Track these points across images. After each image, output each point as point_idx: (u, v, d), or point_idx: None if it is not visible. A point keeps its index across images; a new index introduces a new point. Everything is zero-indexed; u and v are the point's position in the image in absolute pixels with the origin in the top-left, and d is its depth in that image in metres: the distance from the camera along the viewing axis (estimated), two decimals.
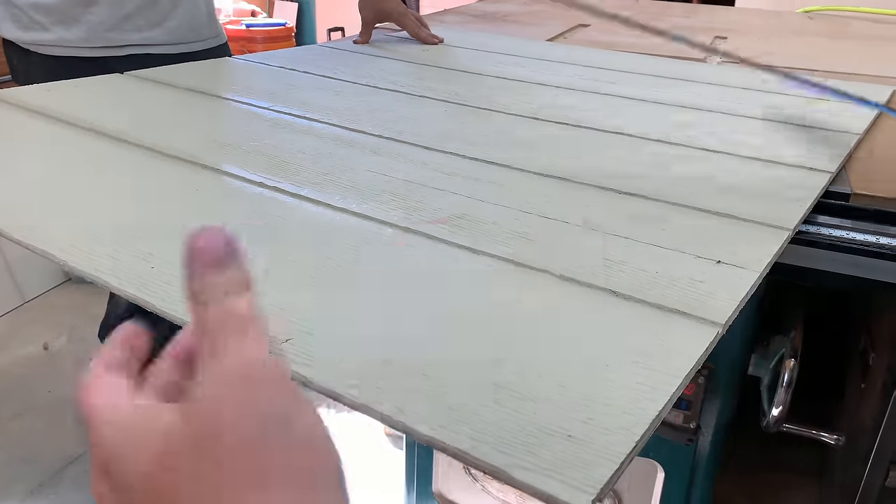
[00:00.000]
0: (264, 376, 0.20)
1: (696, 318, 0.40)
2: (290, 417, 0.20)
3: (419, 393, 0.33)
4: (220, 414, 0.19)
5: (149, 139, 0.68)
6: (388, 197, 0.57)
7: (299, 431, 0.20)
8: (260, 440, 0.19)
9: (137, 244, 0.46)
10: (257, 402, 0.19)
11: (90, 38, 1.07)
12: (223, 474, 0.19)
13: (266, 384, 0.20)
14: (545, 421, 0.31)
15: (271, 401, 0.20)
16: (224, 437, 0.19)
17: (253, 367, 0.20)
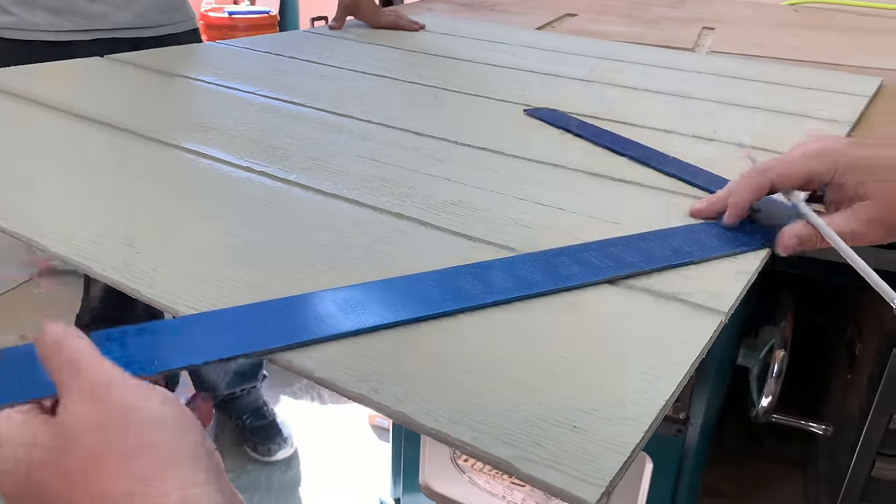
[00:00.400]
0: (108, 389, 0.26)
1: (699, 306, 0.39)
2: (129, 413, 0.25)
3: (420, 383, 0.31)
4: (77, 419, 0.25)
5: (132, 123, 0.66)
6: (378, 182, 0.55)
7: (143, 423, 0.25)
8: (105, 432, 0.25)
9: (122, 229, 0.45)
10: (103, 407, 0.25)
11: (54, 21, 1.03)
12: (82, 460, 0.24)
13: (106, 407, 0.25)
14: (548, 412, 0.30)
15: (113, 404, 0.25)
16: (82, 434, 0.25)
17: (98, 384, 0.26)
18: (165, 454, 0.24)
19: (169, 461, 0.24)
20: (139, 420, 0.25)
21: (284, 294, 0.38)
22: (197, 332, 0.35)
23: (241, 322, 0.36)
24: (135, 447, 0.24)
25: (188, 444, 0.25)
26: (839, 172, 0.45)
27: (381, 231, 0.47)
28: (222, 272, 0.40)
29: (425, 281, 0.40)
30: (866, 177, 0.45)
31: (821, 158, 0.46)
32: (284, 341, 0.34)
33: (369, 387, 0.31)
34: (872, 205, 0.45)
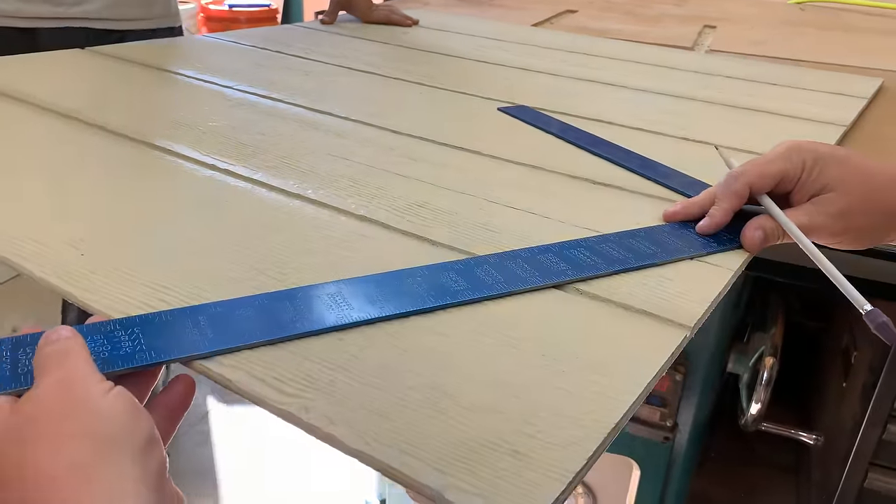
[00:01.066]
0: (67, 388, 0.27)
1: (663, 319, 0.37)
2: (81, 403, 0.26)
3: (358, 400, 0.29)
4: (36, 403, 0.27)
5: (101, 118, 0.64)
6: (346, 183, 0.54)
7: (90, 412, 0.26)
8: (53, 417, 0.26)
9: (69, 229, 0.43)
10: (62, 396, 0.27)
11: (21, 7, 0.98)
12: (35, 440, 0.25)
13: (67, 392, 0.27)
14: (490, 434, 0.28)
15: (72, 393, 0.27)
16: (36, 417, 0.26)
17: (59, 384, 0.27)
18: (104, 443, 0.25)
19: (105, 450, 0.25)
20: (87, 409, 0.26)
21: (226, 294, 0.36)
22: (186, 325, 0.34)
23: (234, 314, 0.35)
24: (76, 432, 0.25)
25: (131, 440, 0.26)
26: (807, 169, 0.45)
27: (341, 234, 0.45)
28: (162, 276, 0.38)
29: (373, 282, 0.38)
30: (829, 169, 0.45)
31: (790, 157, 0.46)
32: (270, 335, 0.33)
33: (300, 404, 0.29)
34: (835, 197, 0.45)
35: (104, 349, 0.32)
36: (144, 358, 0.31)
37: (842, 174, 0.45)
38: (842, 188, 0.45)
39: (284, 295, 0.37)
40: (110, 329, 0.33)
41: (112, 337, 0.33)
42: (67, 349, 0.29)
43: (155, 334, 0.33)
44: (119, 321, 0.34)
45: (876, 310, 0.38)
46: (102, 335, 0.33)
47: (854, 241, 0.47)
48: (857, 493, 0.97)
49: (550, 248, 0.44)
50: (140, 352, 0.32)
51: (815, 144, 0.47)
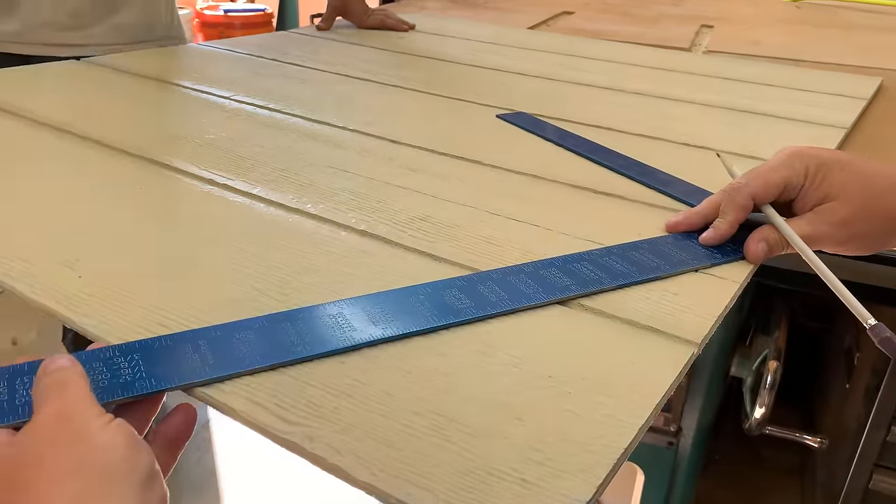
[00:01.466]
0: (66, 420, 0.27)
1: (670, 336, 0.37)
2: (81, 434, 0.26)
3: (364, 429, 0.29)
4: (35, 434, 0.26)
5: (97, 131, 0.63)
6: (347, 196, 0.53)
7: (90, 444, 0.26)
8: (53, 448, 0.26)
9: (65, 248, 0.42)
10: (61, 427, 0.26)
11: (24, 32, 0.94)
12: (34, 474, 0.25)
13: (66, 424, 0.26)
14: (498, 462, 0.28)
15: (71, 425, 0.26)
16: (34, 447, 0.26)
17: (58, 416, 0.27)
18: (104, 477, 0.25)
19: (106, 484, 0.25)
20: (87, 443, 0.26)
21: (223, 317, 0.36)
22: (186, 350, 0.33)
23: (234, 338, 0.34)
24: (75, 466, 0.25)
25: (131, 474, 0.26)
26: (809, 177, 0.45)
27: (341, 251, 0.44)
28: (161, 299, 0.38)
29: (375, 302, 0.38)
30: (831, 176, 0.44)
31: (792, 164, 0.45)
32: (272, 360, 0.33)
33: (303, 433, 0.28)
34: (837, 206, 0.44)
35: (104, 377, 0.31)
36: (145, 386, 0.31)
37: (844, 181, 0.44)
38: (844, 196, 0.44)
39: (285, 317, 0.36)
40: (109, 356, 0.33)
41: (111, 364, 0.32)
42: (66, 380, 0.28)
43: (155, 361, 0.32)
44: (119, 347, 0.33)
45: (880, 324, 0.38)
46: (101, 362, 0.32)
47: (858, 247, 0.46)
48: (862, 495, 0.96)
49: (554, 263, 0.43)
50: (140, 379, 0.31)
51: (818, 150, 0.46)
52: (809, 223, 0.44)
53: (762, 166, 0.47)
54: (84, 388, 0.28)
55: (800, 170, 0.45)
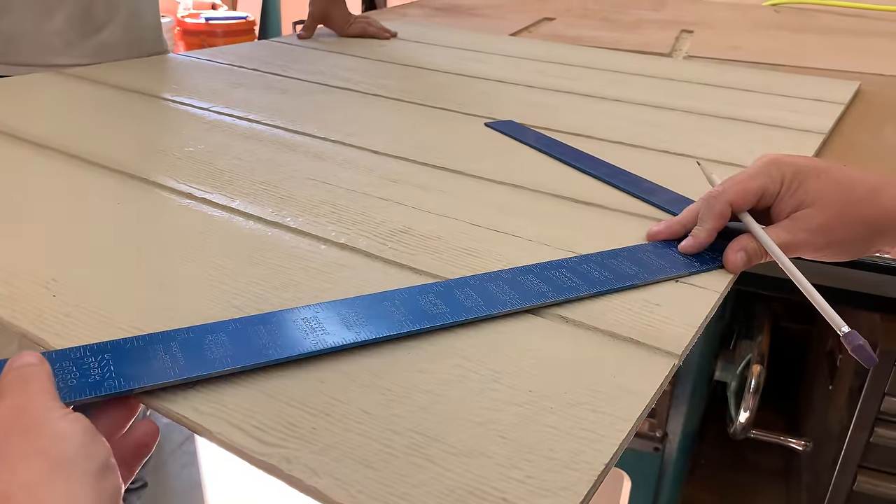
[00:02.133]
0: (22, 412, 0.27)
1: (651, 347, 0.37)
2: (36, 424, 0.26)
3: (342, 448, 0.29)
4: None
5: (74, 146, 0.63)
6: (327, 209, 0.53)
7: (44, 433, 0.26)
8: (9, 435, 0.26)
9: (40, 267, 0.42)
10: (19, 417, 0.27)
11: (7, 53, 0.92)
12: None
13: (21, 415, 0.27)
14: (478, 481, 0.27)
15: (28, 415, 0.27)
16: None
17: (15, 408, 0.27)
18: (58, 465, 0.25)
19: (59, 472, 0.25)
20: (42, 430, 0.26)
21: None
22: (158, 351, 0.33)
23: (206, 339, 0.34)
24: (28, 452, 0.25)
25: (86, 463, 0.26)
26: (786, 184, 0.45)
27: (320, 265, 0.44)
28: (137, 317, 0.37)
29: (350, 306, 0.38)
30: (808, 183, 0.45)
31: (769, 172, 0.46)
32: (244, 362, 0.33)
33: (281, 454, 0.28)
34: (814, 212, 0.44)
35: (72, 376, 0.31)
36: (113, 385, 0.31)
37: (820, 188, 0.45)
38: (820, 202, 0.44)
39: (259, 319, 0.36)
40: (80, 355, 0.33)
41: (81, 363, 0.32)
42: (29, 376, 0.28)
43: (125, 361, 0.32)
44: (90, 347, 0.33)
45: (853, 332, 0.38)
46: (72, 362, 0.32)
47: (837, 253, 0.46)
48: (847, 497, 0.97)
49: (532, 270, 0.43)
50: (109, 379, 0.31)
51: (795, 158, 0.47)
52: (787, 231, 0.45)
53: (740, 174, 0.47)
54: (47, 384, 0.28)
55: (777, 177, 0.45)
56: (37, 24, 0.92)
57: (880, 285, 0.69)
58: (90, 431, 0.27)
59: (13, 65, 0.92)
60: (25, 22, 0.92)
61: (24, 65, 0.93)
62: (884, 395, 0.90)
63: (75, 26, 0.94)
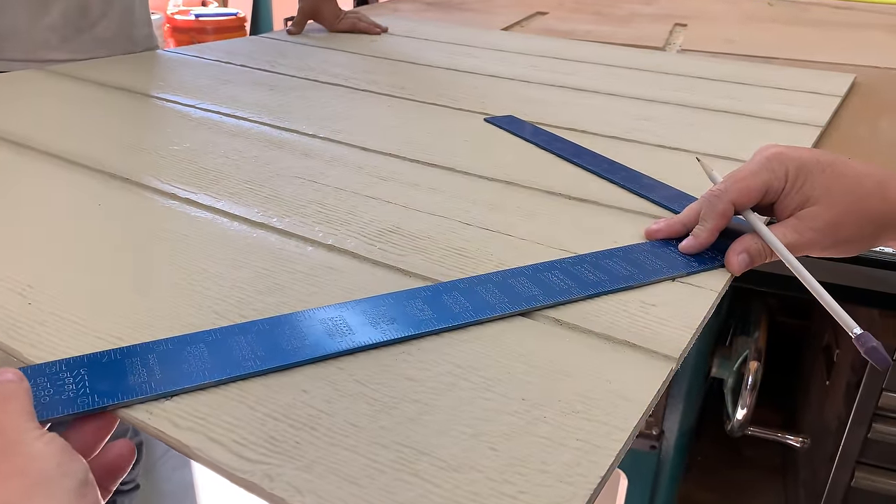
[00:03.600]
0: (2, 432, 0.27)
1: (648, 350, 0.35)
2: (13, 444, 0.26)
3: (326, 464, 0.27)
4: None
5: (56, 145, 0.61)
6: (314, 209, 0.51)
7: (21, 453, 0.26)
8: None
9: (16, 273, 0.40)
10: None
11: (5, 47, 0.90)
12: None
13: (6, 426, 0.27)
14: (468, 498, 0.26)
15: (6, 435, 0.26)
16: None
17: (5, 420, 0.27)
18: (33, 485, 0.25)
19: (38, 491, 0.25)
20: (19, 451, 0.26)
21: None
22: (135, 365, 0.32)
23: (185, 352, 0.33)
24: (6, 473, 0.25)
25: (63, 478, 0.26)
26: (790, 180, 0.44)
27: (307, 268, 0.43)
28: (115, 325, 0.36)
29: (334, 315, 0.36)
30: (813, 178, 0.43)
31: (772, 167, 0.44)
32: (222, 375, 0.32)
33: (263, 471, 0.27)
34: (821, 209, 0.43)
35: (46, 393, 0.30)
36: (86, 403, 0.30)
37: (826, 183, 0.43)
38: (827, 199, 0.43)
39: (239, 329, 0.35)
40: (55, 370, 0.31)
41: (56, 379, 0.31)
42: (9, 394, 0.28)
43: (101, 376, 0.31)
44: (66, 361, 0.32)
45: (866, 333, 0.37)
46: (46, 377, 0.31)
47: (844, 251, 0.45)
48: (845, 493, 0.96)
49: (524, 272, 0.42)
50: (83, 395, 0.30)
51: (798, 152, 0.45)
52: (794, 230, 0.43)
53: (741, 170, 0.46)
54: (26, 403, 0.28)
55: (780, 173, 0.44)
56: (32, 20, 0.91)
57: (879, 281, 0.68)
58: (67, 450, 0.27)
59: (8, 60, 0.91)
60: (21, 17, 0.90)
61: (19, 60, 0.91)
62: (881, 391, 0.89)
63: (71, 21, 0.93)
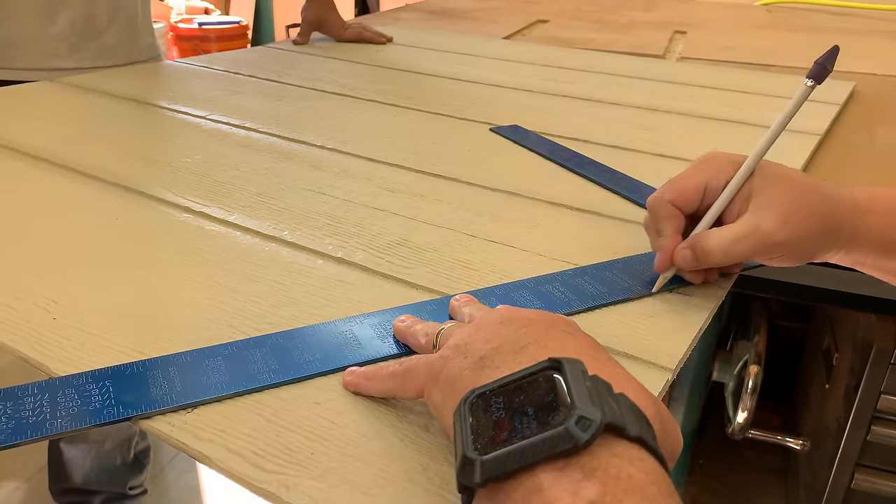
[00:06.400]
0: None
1: (646, 362, 0.37)
2: None
3: (333, 475, 0.29)
4: None
5: (72, 158, 0.63)
6: (324, 221, 0.53)
7: None
8: None
9: (40, 288, 0.42)
10: None
11: (8, 56, 0.92)
12: None
13: None
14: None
15: None
16: None
17: None
18: None
19: None
20: None
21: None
22: (157, 377, 0.34)
23: (203, 364, 0.35)
24: None
25: None
26: (729, 176, 0.43)
27: (318, 281, 0.44)
28: (136, 339, 0.37)
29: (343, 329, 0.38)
30: (753, 177, 0.42)
31: (708, 167, 0.44)
32: (238, 387, 0.33)
33: (280, 481, 0.28)
34: (768, 200, 0.41)
35: (74, 404, 0.32)
36: (112, 414, 0.31)
37: (768, 180, 0.42)
38: (772, 192, 0.42)
39: (254, 342, 0.37)
40: (82, 382, 0.33)
41: (83, 391, 0.33)
42: None
43: (125, 388, 0.33)
44: (91, 374, 0.34)
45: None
46: (74, 389, 0.33)
47: (795, 252, 0.43)
48: (845, 495, 0.98)
49: (525, 285, 0.43)
50: (109, 406, 0.32)
51: (732, 154, 0.45)
52: (745, 222, 0.42)
53: (679, 174, 0.45)
54: None
55: (717, 173, 0.43)
56: (40, 29, 0.93)
57: (875, 286, 0.70)
58: None
59: (16, 69, 0.93)
60: (28, 26, 0.92)
61: (28, 69, 0.93)
62: (880, 394, 0.90)
63: (77, 30, 0.95)
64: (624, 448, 0.22)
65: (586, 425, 0.21)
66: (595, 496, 0.20)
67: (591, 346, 0.29)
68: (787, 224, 0.41)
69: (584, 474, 0.20)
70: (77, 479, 1.22)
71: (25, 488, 1.41)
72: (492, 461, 0.22)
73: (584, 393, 0.22)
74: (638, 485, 0.20)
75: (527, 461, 0.21)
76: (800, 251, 0.42)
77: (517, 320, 0.30)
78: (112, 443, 1.23)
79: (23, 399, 0.32)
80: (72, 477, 1.22)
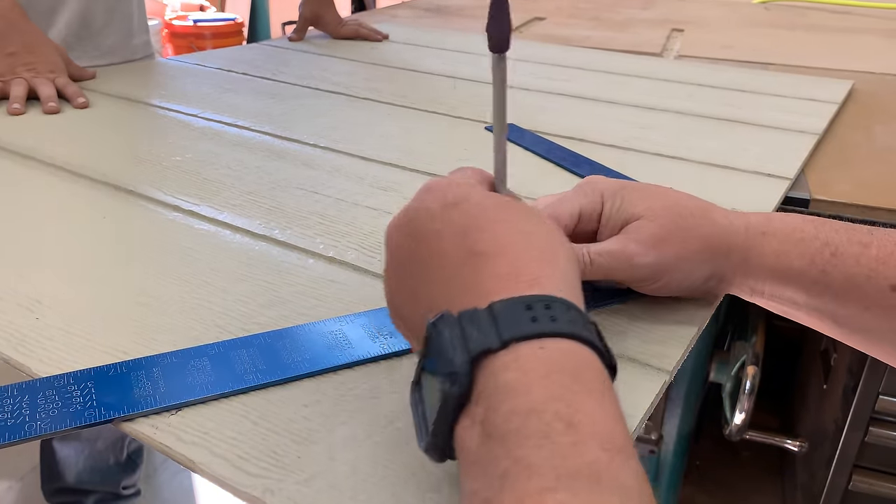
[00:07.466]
0: None
1: (642, 364, 0.36)
2: None
3: (319, 479, 0.28)
4: None
5: (61, 157, 0.62)
6: (315, 220, 0.52)
7: None
8: None
9: (24, 288, 0.41)
10: None
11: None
12: None
13: None
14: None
15: None
16: None
17: None
18: None
19: None
20: None
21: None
22: (140, 378, 0.33)
23: (188, 365, 0.34)
24: None
25: None
26: (608, 201, 0.41)
27: (308, 280, 0.43)
28: (121, 339, 0.36)
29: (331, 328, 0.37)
30: (632, 198, 0.41)
31: (584, 192, 0.42)
32: (223, 388, 0.32)
33: (264, 485, 0.27)
34: (644, 223, 0.39)
35: (54, 406, 0.31)
36: (93, 416, 0.31)
37: (647, 202, 0.40)
38: (650, 213, 0.40)
39: (241, 342, 0.36)
40: (63, 384, 0.32)
41: (64, 392, 0.32)
42: None
43: (108, 389, 0.32)
44: (73, 375, 0.33)
45: None
46: (55, 390, 0.32)
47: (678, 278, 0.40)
48: (842, 496, 0.97)
49: None
50: (90, 408, 0.31)
51: (611, 179, 0.43)
52: (617, 241, 0.40)
53: (552, 197, 0.43)
54: None
55: (594, 197, 0.41)
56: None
57: None
58: None
59: None
60: None
61: None
62: (878, 395, 0.90)
63: (74, 31, 0.93)
64: (501, 360, 0.23)
65: (454, 379, 0.23)
66: (482, 416, 0.23)
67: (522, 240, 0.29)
68: (658, 247, 0.39)
69: (476, 405, 0.23)
70: (70, 478, 1.21)
71: (18, 488, 1.40)
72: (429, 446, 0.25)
73: (447, 346, 0.24)
74: (513, 386, 0.22)
75: (444, 428, 0.24)
76: (677, 277, 0.40)
77: None
78: (104, 442, 1.22)
79: (1, 401, 0.31)
80: (64, 476, 1.21)
